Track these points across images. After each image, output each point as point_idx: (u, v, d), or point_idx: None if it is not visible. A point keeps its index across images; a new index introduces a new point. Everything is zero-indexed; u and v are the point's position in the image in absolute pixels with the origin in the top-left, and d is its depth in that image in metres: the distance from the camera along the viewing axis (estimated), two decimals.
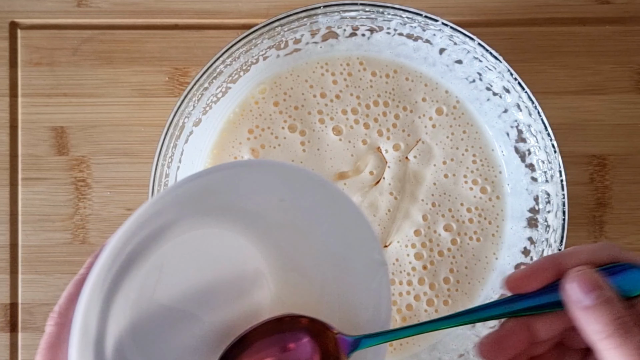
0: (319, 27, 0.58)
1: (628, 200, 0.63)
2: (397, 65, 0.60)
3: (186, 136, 0.57)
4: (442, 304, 0.60)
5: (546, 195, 0.57)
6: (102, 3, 0.64)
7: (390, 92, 0.60)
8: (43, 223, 0.63)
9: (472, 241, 0.60)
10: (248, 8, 0.64)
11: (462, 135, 0.60)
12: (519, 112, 0.57)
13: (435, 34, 0.57)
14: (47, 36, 0.64)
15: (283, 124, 0.60)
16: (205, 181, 0.41)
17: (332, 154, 0.60)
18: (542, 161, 0.57)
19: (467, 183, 0.60)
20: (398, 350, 0.59)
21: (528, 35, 0.63)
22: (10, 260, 0.63)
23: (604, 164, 0.63)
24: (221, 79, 0.57)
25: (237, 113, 0.60)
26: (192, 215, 0.43)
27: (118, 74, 0.64)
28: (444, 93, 0.60)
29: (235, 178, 0.42)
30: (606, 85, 0.63)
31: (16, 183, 0.63)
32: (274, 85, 0.60)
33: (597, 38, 0.63)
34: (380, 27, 0.58)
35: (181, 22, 0.64)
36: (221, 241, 0.46)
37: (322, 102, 0.60)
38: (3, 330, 0.63)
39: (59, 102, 0.64)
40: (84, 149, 0.63)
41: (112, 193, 0.63)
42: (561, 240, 0.55)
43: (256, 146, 0.60)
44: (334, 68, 0.60)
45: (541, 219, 0.57)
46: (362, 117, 0.60)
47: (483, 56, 0.56)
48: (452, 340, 0.59)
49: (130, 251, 0.40)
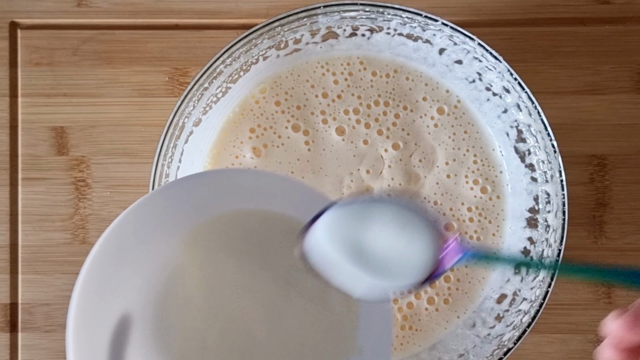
0: (319, 27, 0.58)
1: (628, 200, 0.63)
2: (397, 65, 0.60)
3: (186, 136, 0.57)
4: (442, 302, 0.60)
5: (546, 195, 0.57)
6: (102, 3, 0.64)
7: (391, 92, 0.60)
8: (43, 223, 0.63)
9: (472, 240, 0.60)
10: (248, 8, 0.64)
11: (463, 135, 0.60)
12: (518, 112, 0.57)
13: (435, 34, 0.57)
14: (47, 36, 0.64)
15: (286, 124, 0.60)
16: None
17: (337, 155, 0.60)
18: (542, 161, 0.57)
19: (468, 183, 0.60)
20: (398, 351, 0.59)
21: (528, 35, 0.63)
22: (10, 260, 0.63)
23: (604, 164, 0.63)
24: (221, 79, 0.57)
25: (237, 112, 0.60)
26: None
27: (118, 74, 0.64)
28: (444, 92, 0.60)
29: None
30: (606, 85, 0.63)
31: (16, 183, 0.63)
32: (274, 84, 0.60)
33: (597, 38, 0.63)
34: (380, 27, 0.58)
35: (181, 22, 0.64)
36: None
37: (324, 102, 0.60)
38: (3, 330, 0.63)
39: (59, 102, 0.64)
40: (84, 149, 0.63)
41: (112, 193, 0.63)
42: (561, 240, 0.55)
43: (258, 145, 0.60)
44: (335, 68, 0.60)
45: (541, 219, 0.57)
46: (364, 117, 0.60)
47: (483, 56, 0.56)
48: (452, 340, 0.59)
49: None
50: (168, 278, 0.46)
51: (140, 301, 0.45)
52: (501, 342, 0.56)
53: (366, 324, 0.46)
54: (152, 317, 0.45)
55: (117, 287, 0.45)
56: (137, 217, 0.46)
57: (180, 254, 0.46)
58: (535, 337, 0.63)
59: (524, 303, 0.56)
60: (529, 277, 0.57)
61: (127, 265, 0.45)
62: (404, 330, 0.59)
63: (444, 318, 0.60)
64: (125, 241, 0.45)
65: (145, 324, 0.45)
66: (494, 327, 0.58)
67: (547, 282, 0.55)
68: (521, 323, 0.55)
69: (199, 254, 0.46)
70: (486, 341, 0.57)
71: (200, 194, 0.47)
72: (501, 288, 0.59)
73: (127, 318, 0.45)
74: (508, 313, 0.57)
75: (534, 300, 0.55)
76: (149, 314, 0.45)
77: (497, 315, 0.58)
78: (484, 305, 0.59)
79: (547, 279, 0.55)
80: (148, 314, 0.45)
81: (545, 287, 0.55)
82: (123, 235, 0.45)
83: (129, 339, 0.45)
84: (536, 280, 0.56)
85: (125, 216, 0.45)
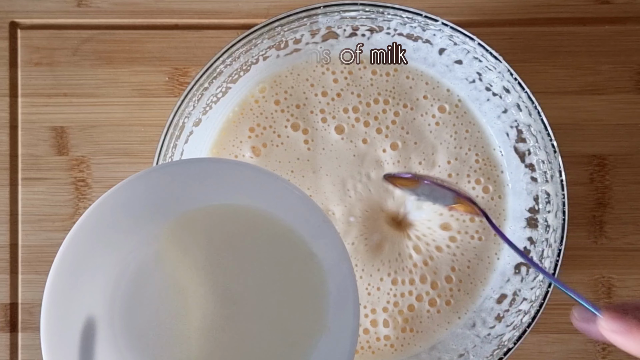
0: (319, 27, 0.58)
1: (628, 200, 0.63)
2: (397, 64, 0.60)
3: (186, 136, 0.57)
4: (444, 303, 0.60)
5: (546, 195, 0.57)
6: (102, 3, 0.64)
7: (391, 90, 0.60)
8: (43, 223, 0.63)
9: (473, 240, 0.60)
10: (248, 8, 0.64)
11: (465, 134, 0.60)
12: (518, 112, 0.57)
13: (435, 34, 0.57)
14: (47, 36, 0.64)
15: (286, 123, 0.60)
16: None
17: (337, 154, 0.60)
18: (542, 161, 0.57)
19: (470, 182, 0.60)
20: (399, 352, 0.59)
21: (528, 35, 0.63)
22: (10, 260, 0.63)
23: (604, 164, 0.63)
24: (221, 79, 0.57)
25: (237, 112, 0.60)
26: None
27: (118, 74, 0.64)
28: (445, 91, 0.60)
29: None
30: (606, 85, 0.63)
31: (16, 183, 0.63)
32: (274, 84, 0.60)
33: (597, 38, 0.63)
34: (380, 27, 0.58)
35: (181, 22, 0.64)
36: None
37: (323, 101, 0.60)
38: (3, 330, 0.63)
39: (59, 102, 0.64)
40: (84, 149, 0.63)
41: None
42: (561, 241, 0.55)
43: (258, 144, 0.60)
44: (334, 67, 0.60)
45: (541, 219, 0.57)
46: (363, 115, 0.60)
47: (483, 56, 0.56)
48: (452, 340, 0.59)
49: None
50: (136, 273, 0.46)
51: (108, 299, 0.46)
52: (501, 342, 0.56)
53: (335, 304, 0.47)
54: (120, 315, 0.46)
55: (85, 286, 0.46)
56: (99, 216, 0.46)
57: (148, 248, 0.47)
58: (535, 337, 0.63)
59: (524, 303, 0.56)
60: (529, 277, 0.57)
61: (93, 263, 0.46)
62: (404, 332, 0.59)
63: (445, 319, 0.59)
64: (93, 235, 0.46)
65: (114, 321, 0.46)
66: (494, 327, 0.57)
67: (547, 282, 0.55)
68: (521, 323, 0.55)
69: (169, 249, 0.47)
70: (486, 341, 0.57)
71: (172, 186, 0.47)
72: (501, 288, 0.59)
73: (94, 317, 0.45)
74: (508, 313, 0.57)
75: (534, 300, 0.55)
76: (117, 311, 0.46)
77: (497, 315, 0.58)
78: (484, 305, 0.59)
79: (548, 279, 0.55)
80: (116, 311, 0.46)
81: (545, 287, 0.55)
82: (90, 230, 0.46)
83: (98, 336, 0.45)
84: (536, 280, 0.56)
85: (87, 216, 0.46)
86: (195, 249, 0.47)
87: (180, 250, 0.47)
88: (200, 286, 0.46)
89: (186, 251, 0.47)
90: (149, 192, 0.47)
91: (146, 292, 0.46)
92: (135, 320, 0.46)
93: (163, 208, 0.47)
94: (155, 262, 0.46)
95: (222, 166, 0.49)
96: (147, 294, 0.46)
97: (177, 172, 0.47)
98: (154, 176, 0.47)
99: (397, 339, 0.59)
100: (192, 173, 0.47)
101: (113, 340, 0.46)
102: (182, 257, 0.47)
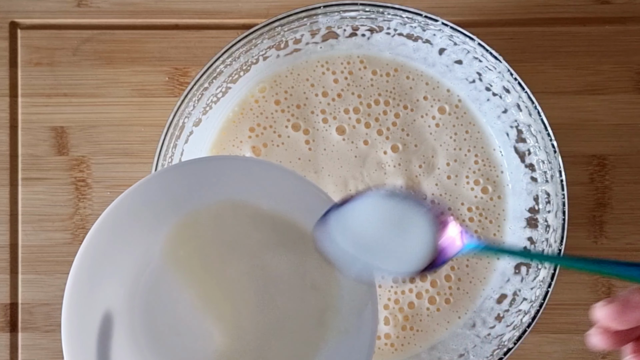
0: (319, 27, 0.58)
1: (628, 200, 0.63)
2: (398, 64, 0.60)
3: (186, 136, 0.57)
4: (444, 302, 0.60)
5: (546, 196, 0.57)
6: (102, 3, 0.64)
7: (391, 91, 0.60)
8: (43, 223, 0.63)
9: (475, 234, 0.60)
10: (248, 8, 0.64)
11: (465, 135, 0.60)
12: (518, 112, 0.57)
13: (435, 34, 0.57)
14: (47, 36, 0.64)
15: (286, 123, 0.60)
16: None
17: (338, 155, 0.60)
18: (542, 161, 0.57)
19: (468, 183, 0.60)
20: (399, 352, 0.59)
21: (528, 35, 0.63)
22: (10, 260, 0.63)
23: (604, 164, 0.63)
24: (221, 79, 0.57)
25: (237, 112, 0.60)
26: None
27: (118, 74, 0.64)
28: (445, 92, 0.60)
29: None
30: (606, 85, 0.63)
31: (16, 183, 0.63)
32: (274, 83, 0.60)
33: (597, 38, 0.63)
34: (380, 27, 0.58)
35: (181, 22, 0.64)
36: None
37: (324, 101, 0.60)
38: (3, 330, 0.63)
39: (59, 102, 0.64)
40: (84, 149, 0.63)
41: (112, 193, 0.63)
42: (561, 241, 0.55)
43: (258, 144, 0.60)
44: (335, 67, 0.60)
45: (541, 219, 0.57)
46: (364, 116, 0.60)
47: (483, 56, 0.56)
48: (452, 340, 0.59)
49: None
50: (153, 272, 0.46)
51: (126, 295, 0.46)
52: (501, 342, 0.56)
53: (351, 306, 0.47)
54: (139, 312, 0.46)
55: (104, 283, 0.46)
56: (117, 215, 0.47)
57: (166, 247, 0.47)
58: (535, 337, 0.63)
59: (524, 303, 0.56)
60: (529, 277, 0.57)
61: (112, 261, 0.46)
62: (405, 330, 0.59)
63: (445, 318, 0.59)
64: (111, 234, 0.46)
65: (133, 318, 0.46)
66: (494, 327, 0.57)
67: (547, 282, 0.55)
68: (521, 323, 0.55)
69: (184, 247, 0.47)
70: (486, 341, 0.57)
71: (186, 184, 0.48)
72: (501, 288, 0.59)
73: (113, 313, 0.46)
74: (508, 313, 0.57)
75: (534, 300, 0.55)
76: (136, 308, 0.46)
77: (497, 315, 0.58)
78: (484, 305, 0.59)
79: (547, 278, 0.55)
80: (135, 308, 0.46)
81: (545, 287, 0.55)
82: (109, 229, 0.46)
83: (118, 333, 0.46)
84: (536, 280, 0.56)
85: (106, 215, 0.46)
86: (209, 244, 0.47)
87: (194, 246, 0.47)
88: (217, 281, 0.47)
89: (201, 248, 0.47)
90: (164, 190, 0.47)
91: (164, 289, 0.47)
92: (154, 316, 0.46)
93: (179, 205, 0.47)
94: (171, 259, 0.47)
95: (240, 164, 0.49)
96: (164, 291, 0.47)
97: (192, 170, 0.48)
98: (170, 174, 0.48)
99: (397, 337, 0.59)
100: (208, 170, 0.47)
101: (132, 336, 0.46)
102: (196, 253, 0.47)
